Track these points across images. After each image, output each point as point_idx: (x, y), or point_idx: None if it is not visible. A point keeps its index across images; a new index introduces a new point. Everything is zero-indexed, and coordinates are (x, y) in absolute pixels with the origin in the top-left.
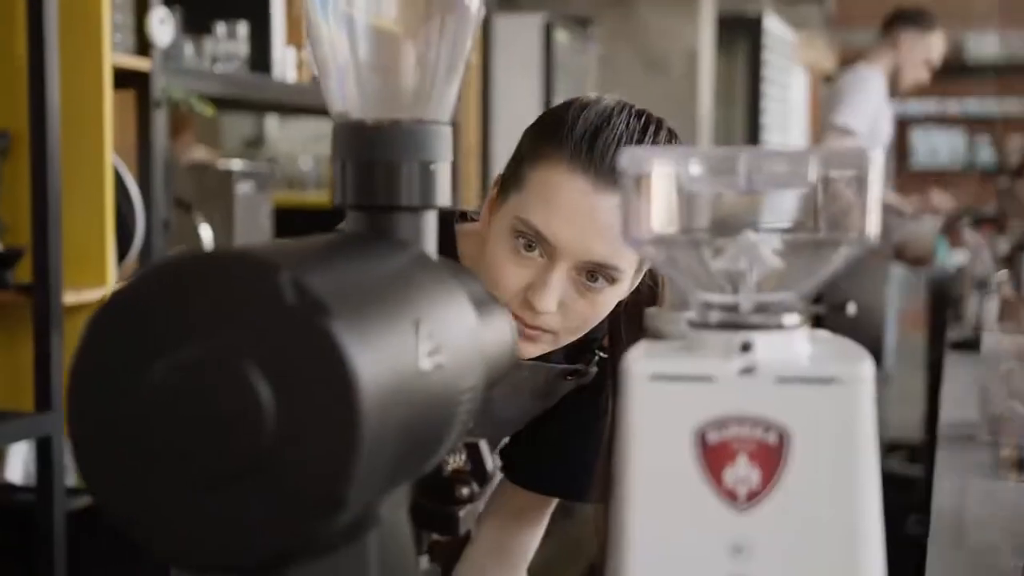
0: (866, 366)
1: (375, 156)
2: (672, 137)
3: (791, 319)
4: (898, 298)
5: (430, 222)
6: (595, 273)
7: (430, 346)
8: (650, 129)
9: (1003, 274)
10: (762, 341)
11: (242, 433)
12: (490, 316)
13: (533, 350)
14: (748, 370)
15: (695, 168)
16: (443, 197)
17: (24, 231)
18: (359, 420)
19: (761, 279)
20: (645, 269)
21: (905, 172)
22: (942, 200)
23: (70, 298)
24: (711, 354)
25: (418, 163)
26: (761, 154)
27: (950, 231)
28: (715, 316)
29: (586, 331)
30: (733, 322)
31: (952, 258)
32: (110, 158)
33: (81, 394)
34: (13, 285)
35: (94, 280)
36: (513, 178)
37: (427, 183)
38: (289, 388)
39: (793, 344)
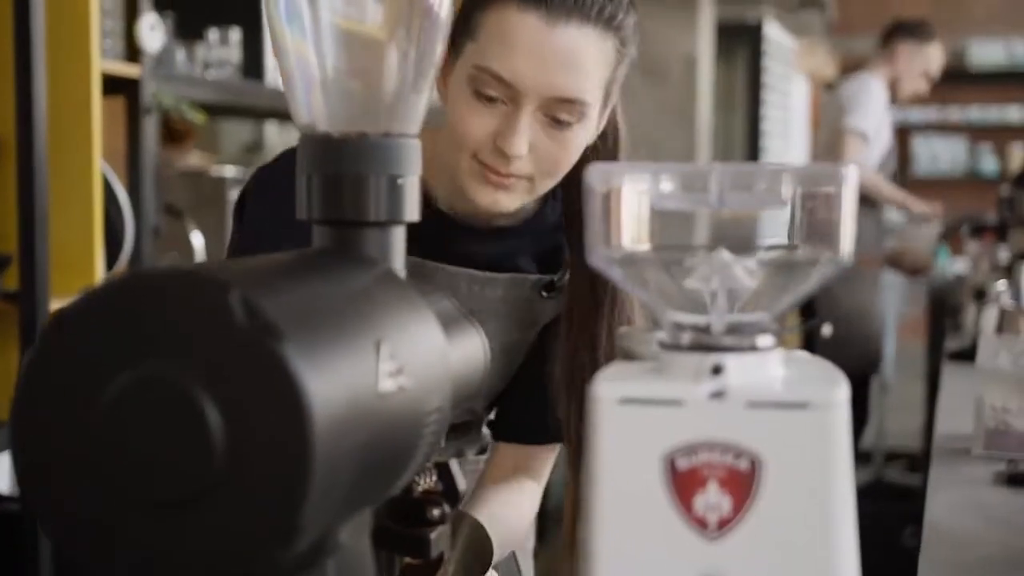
0: (840, 390)
1: (342, 169)
2: None
3: (764, 340)
4: (898, 306)
5: (398, 237)
6: (561, 113)
7: (392, 367)
8: None
9: (1002, 284)
10: (734, 363)
11: (191, 458)
12: (460, 333)
13: (509, 200)
14: (719, 394)
15: (666, 185)
16: (411, 212)
17: (11, 238)
18: (311, 445)
19: (734, 298)
20: (611, 106)
21: (907, 179)
22: (939, 209)
23: (57, 306)
24: (681, 377)
25: (386, 177)
26: (734, 171)
27: (951, 239)
28: (686, 337)
29: (559, 176)
30: (704, 344)
31: (953, 265)
32: (99, 164)
33: (27, 414)
34: (0, 293)
35: (82, 288)
36: (463, 30)
37: (395, 198)
38: (239, 412)
39: (766, 366)
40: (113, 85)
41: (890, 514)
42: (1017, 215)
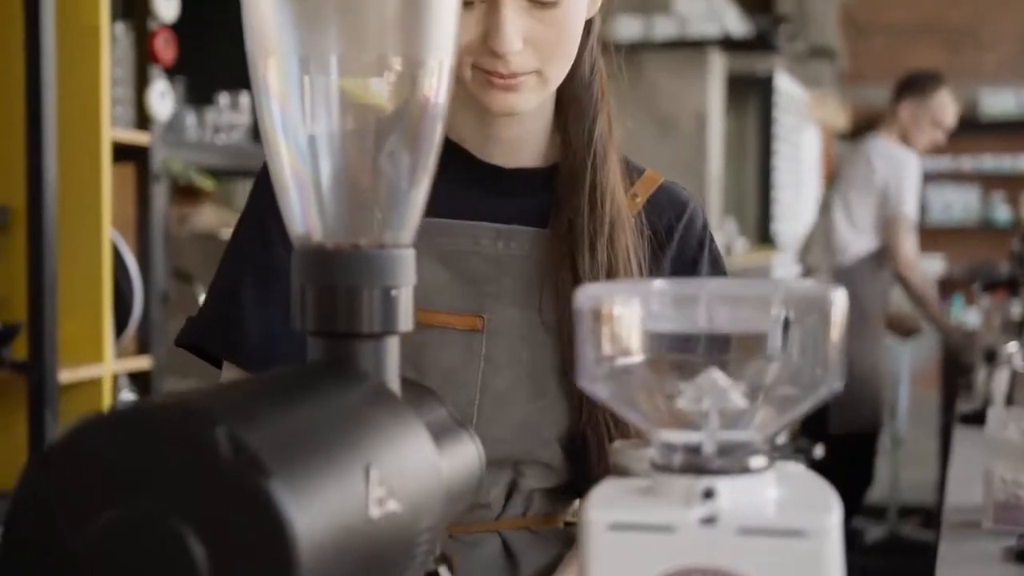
0: (833, 515)
1: (335, 281)
2: None
3: (757, 462)
4: (911, 359)
5: (392, 348)
6: None
7: (381, 492)
8: None
9: (1013, 346)
10: (726, 487)
11: None
12: (454, 444)
13: (524, 99)
14: (710, 520)
15: (655, 305)
16: (405, 322)
17: (21, 307)
18: None
19: (726, 417)
20: None
21: (920, 228)
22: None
23: (66, 376)
24: (672, 500)
25: (380, 289)
26: (722, 293)
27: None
28: (677, 459)
29: (568, 60)
30: (695, 466)
31: (967, 316)
32: (108, 233)
33: (15, 549)
34: (8, 362)
35: (91, 357)
36: None
37: (389, 309)
38: (225, 549)
39: (758, 489)
40: (123, 153)
41: (904, 571)
42: None
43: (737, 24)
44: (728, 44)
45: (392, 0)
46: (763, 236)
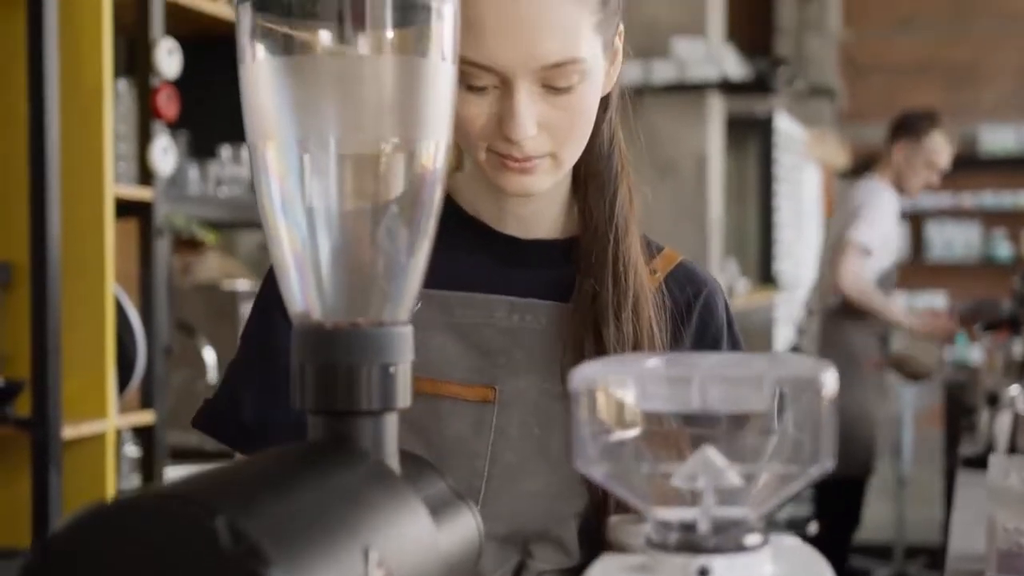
0: None
1: (335, 360)
2: None
3: (752, 539)
4: (914, 398)
5: (391, 425)
6: (558, 80)
7: (380, 574)
8: None
9: (1015, 388)
10: (721, 565)
11: None
12: (453, 518)
13: (538, 181)
14: None
15: (649, 387)
16: (404, 398)
17: (24, 363)
18: None
19: (720, 495)
20: (619, 43)
21: (921, 266)
22: (950, 328)
23: (69, 432)
24: None
25: (378, 366)
26: (715, 374)
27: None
28: (672, 537)
29: (582, 142)
30: (691, 544)
31: (970, 353)
32: (111, 289)
33: None
34: (12, 419)
35: (94, 412)
36: None
37: (387, 386)
38: None
39: (754, 567)
40: (126, 208)
41: None
42: None
43: (735, 67)
44: (727, 87)
45: (388, 84)
46: (765, 276)
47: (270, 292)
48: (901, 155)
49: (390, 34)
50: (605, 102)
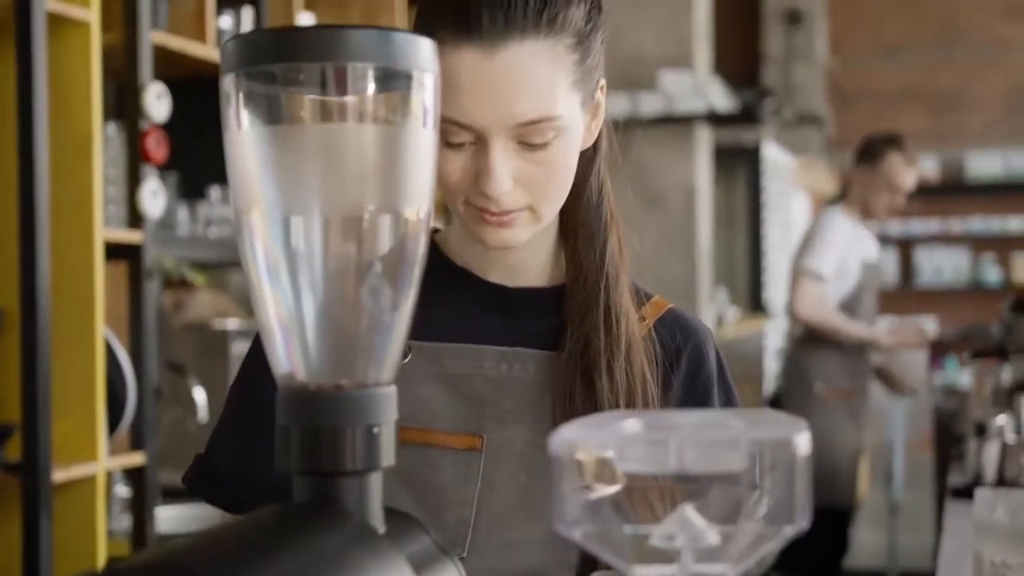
0: None
1: (319, 422)
2: None
3: None
4: (904, 422)
5: (375, 484)
6: (533, 137)
7: None
8: None
9: (1002, 418)
10: None
11: None
12: (437, 572)
13: (516, 234)
14: None
15: (628, 449)
16: (387, 457)
17: (15, 407)
18: None
19: (699, 554)
20: (599, 98)
21: (911, 291)
22: (923, 332)
23: (60, 476)
24: None
25: (362, 427)
26: (692, 437)
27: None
28: None
29: (560, 196)
30: None
31: (961, 377)
32: (101, 332)
33: None
34: (2, 464)
35: (85, 455)
36: None
37: (372, 447)
38: None
39: None
40: (116, 251)
41: None
42: (1016, 341)
43: (722, 99)
44: (714, 119)
45: (371, 152)
46: (755, 304)
47: (256, 358)
48: (862, 180)
49: (372, 103)
50: (593, 153)
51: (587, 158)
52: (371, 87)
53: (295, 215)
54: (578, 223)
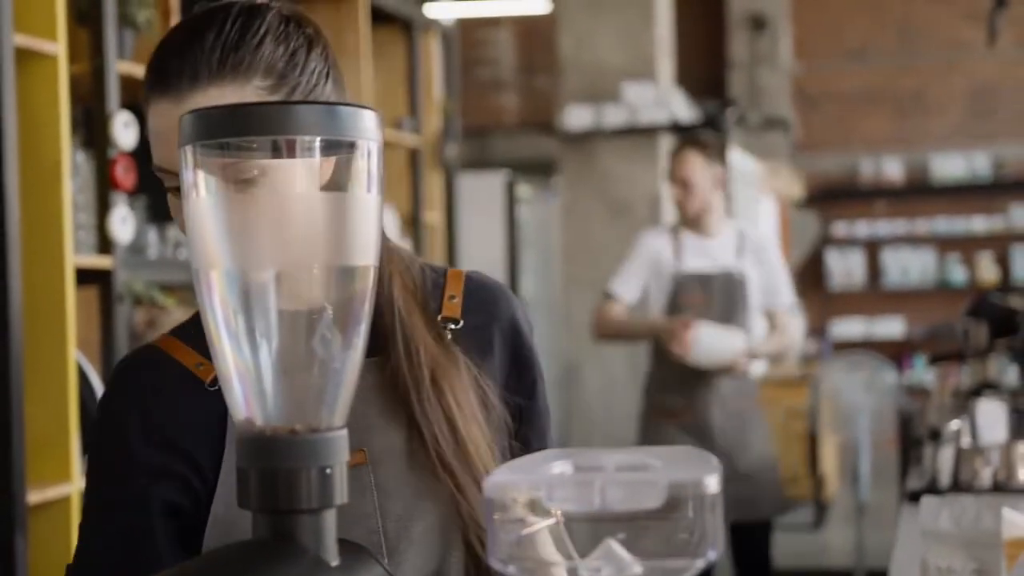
0: None
1: (276, 464)
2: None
3: None
4: (871, 422)
5: (329, 520)
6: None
7: None
8: (217, 16)
9: (957, 424)
10: None
11: None
12: None
13: None
14: None
15: (556, 491)
16: (340, 495)
17: None
18: None
19: None
20: None
21: (878, 292)
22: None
23: (34, 497)
24: None
25: (316, 468)
26: (614, 478)
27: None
28: None
29: None
30: None
31: (927, 376)
32: (73, 356)
33: None
34: None
35: (58, 477)
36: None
37: (325, 486)
38: None
39: None
40: (86, 276)
41: None
42: (973, 345)
43: (685, 110)
44: (677, 129)
45: (319, 215)
46: None
47: (109, 428)
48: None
49: (319, 170)
50: None
51: None
52: (318, 156)
53: (250, 273)
54: None
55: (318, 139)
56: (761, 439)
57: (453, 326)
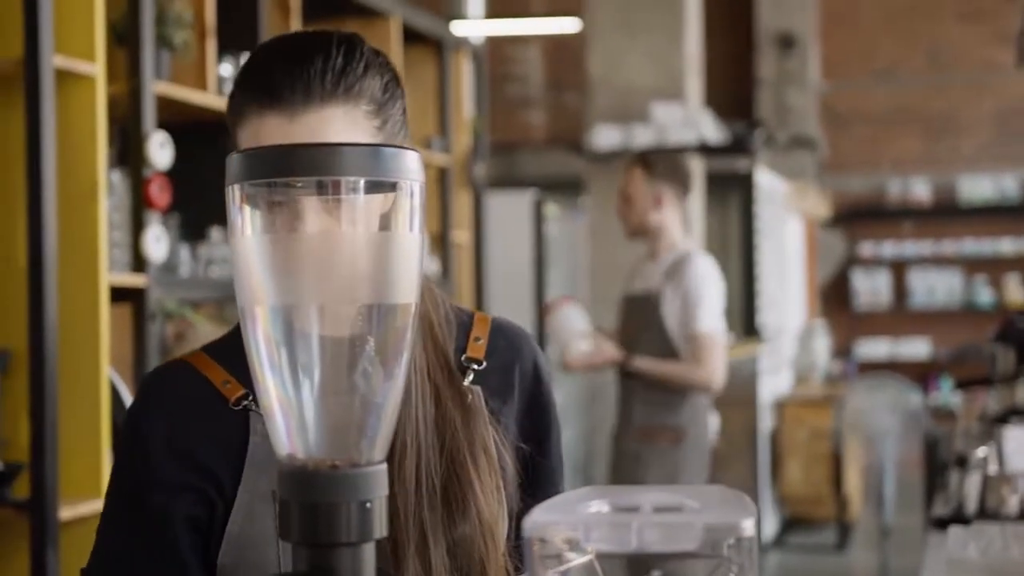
0: None
1: (316, 498)
2: (365, 55)
3: None
4: (896, 445)
5: (368, 553)
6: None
7: None
8: (322, 41)
9: (983, 451)
10: None
11: None
12: None
13: None
14: None
15: (594, 531)
16: (380, 529)
17: (23, 447)
18: None
19: None
20: None
21: (904, 313)
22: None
23: (67, 513)
24: None
25: (356, 503)
26: (651, 520)
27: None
28: None
29: None
30: None
31: (953, 398)
32: (106, 373)
33: None
34: (11, 502)
35: (90, 492)
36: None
37: (365, 520)
38: None
39: None
40: (120, 294)
41: None
42: (1000, 371)
43: (713, 131)
44: (706, 150)
45: (363, 254)
46: (749, 328)
47: (129, 456)
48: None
49: (363, 210)
50: None
51: None
52: (362, 197)
53: (294, 310)
54: None
55: (362, 180)
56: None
57: (476, 367)
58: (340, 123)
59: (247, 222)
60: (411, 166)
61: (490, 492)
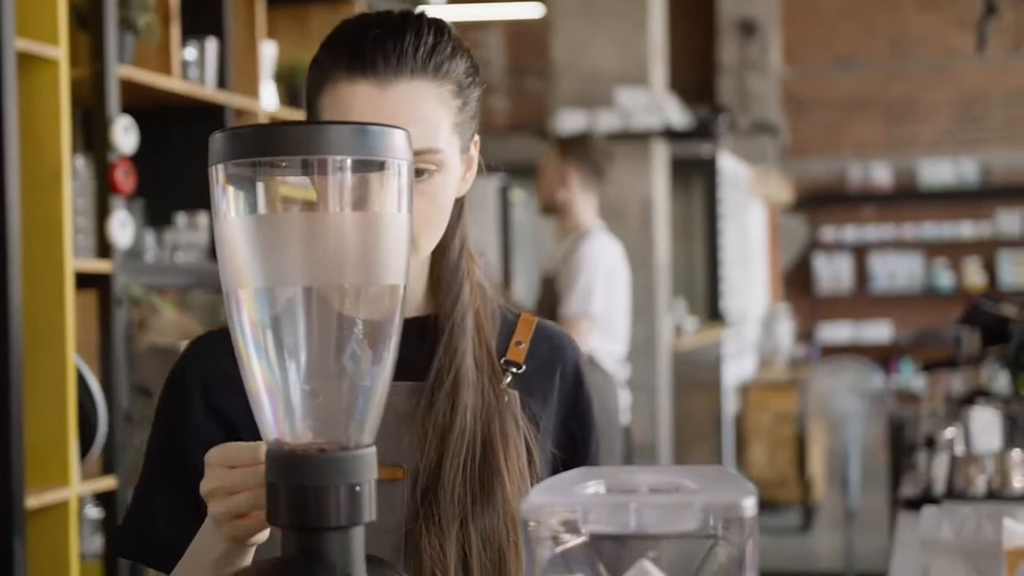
0: None
1: (305, 482)
2: (452, 40)
3: None
4: (860, 428)
5: (357, 537)
6: (417, 163)
7: None
8: (412, 18)
9: (951, 431)
10: None
11: None
12: None
13: None
14: None
15: (592, 512)
16: (369, 513)
17: None
18: None
19: None
20: (474, 155)
21: (865, 297)
22: None
23: (33, 502)
24: None
25: (345, 486)
26: (650, 500)
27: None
28: None
29: (439, 228)
30: None
31: (916, 382)
32: (72, 360)
33: None
34: None
35: (56, 480)
36: (311, 119)
37: (354, 504)
38: None
39: None
40: (85, 280)
41: None
42: (965, 352)
43: (678, 115)
44: (670, 134)
45: (349, 235)
46: (713, 313)
47: (170, 401)
48: None
49: (349, 190)
50: (460, 206)
51: (455, 211)
52: (348, 176)
53: (279, 292)
54: (440, 274)
55: (349, 159)
56: None
57: (515, 370)
58: (428, 98)
59: (230, 203)
60: (398, 144)
61: (516, 483)
